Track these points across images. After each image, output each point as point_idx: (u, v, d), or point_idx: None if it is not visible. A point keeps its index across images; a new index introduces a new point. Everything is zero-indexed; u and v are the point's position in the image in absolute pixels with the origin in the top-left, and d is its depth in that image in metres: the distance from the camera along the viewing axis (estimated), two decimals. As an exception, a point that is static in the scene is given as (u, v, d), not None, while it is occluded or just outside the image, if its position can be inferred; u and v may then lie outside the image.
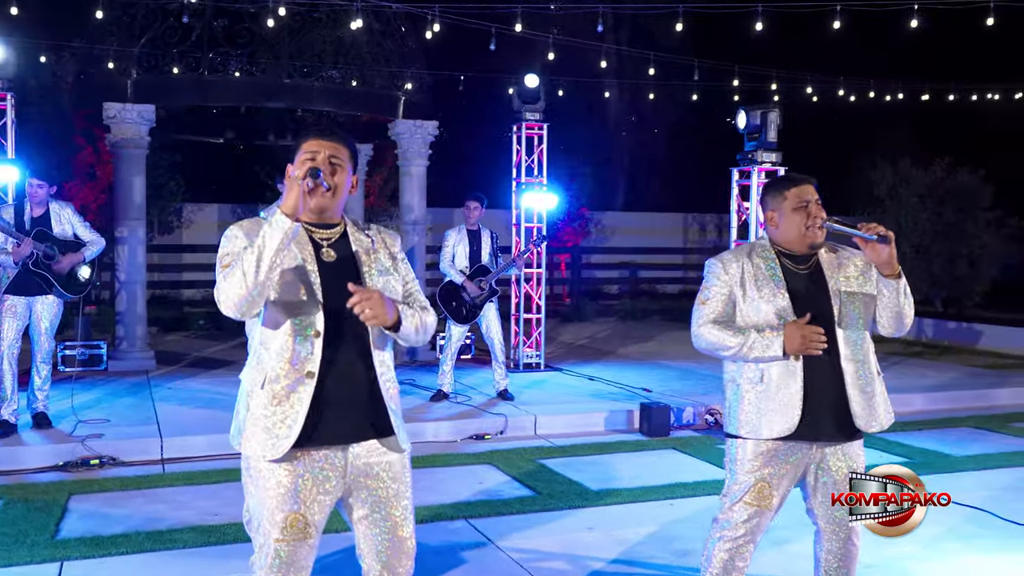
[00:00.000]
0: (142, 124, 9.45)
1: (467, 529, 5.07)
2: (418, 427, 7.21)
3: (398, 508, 2.87)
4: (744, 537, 3.37)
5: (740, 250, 3.49)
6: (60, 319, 6.88)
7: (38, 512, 5.23)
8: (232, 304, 2.63)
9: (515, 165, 10.11)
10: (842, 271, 3.35)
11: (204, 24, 9.49)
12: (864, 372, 3.29)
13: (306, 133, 2.89)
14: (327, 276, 2.77)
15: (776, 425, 3.25)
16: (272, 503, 2.73)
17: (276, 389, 2.73)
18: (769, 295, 3.31)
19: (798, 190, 3.35)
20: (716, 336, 3.33)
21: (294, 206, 2.59)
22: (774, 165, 7.30)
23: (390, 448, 2.86)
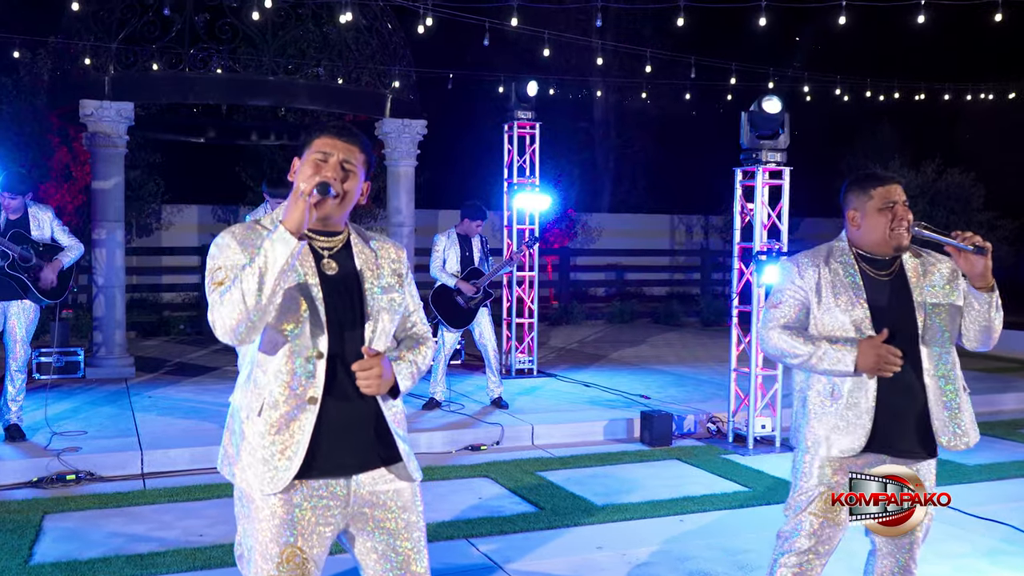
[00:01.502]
0: (120, 122, 9.10)
1: (470, 550, 4.79)
2: (410, 438, 6.88)
3: (409, 540, 2.59)
4: (811, 552, 3.17)
5: (817, 252, 3.25)
6: (36, 324, 6.55)
7: (10, 534, 4.90)
8: (229, 329, 2.35)
9: (506, 165, 9.84)
10: (928, 278, 3.13)
11: (185, 19, 9.15)
12: (949, 388, 3.07)
13: (320, 128, 2.57)
14: (329, 292, 2.50)
15: (844, 443, 3.07)
16: (266, 536, 2.46)
17: (275, 417, 2.45)
18: (847, 304, 3.10)
19: (885, 189, 3.11)
20: (786, 342, 3.13)
21: (299, 223, 2.31)
22: (779, 165, 7.07)
23: (399, 476, 2.60)
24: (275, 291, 2.32)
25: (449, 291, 7.66)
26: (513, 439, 7.15)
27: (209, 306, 2.39)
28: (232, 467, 2.52)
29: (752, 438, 7.14)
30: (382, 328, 2.57)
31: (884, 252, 3.14)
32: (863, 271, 3.14)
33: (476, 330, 7.88)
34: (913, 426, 3.06)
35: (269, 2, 8.67)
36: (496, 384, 7.97)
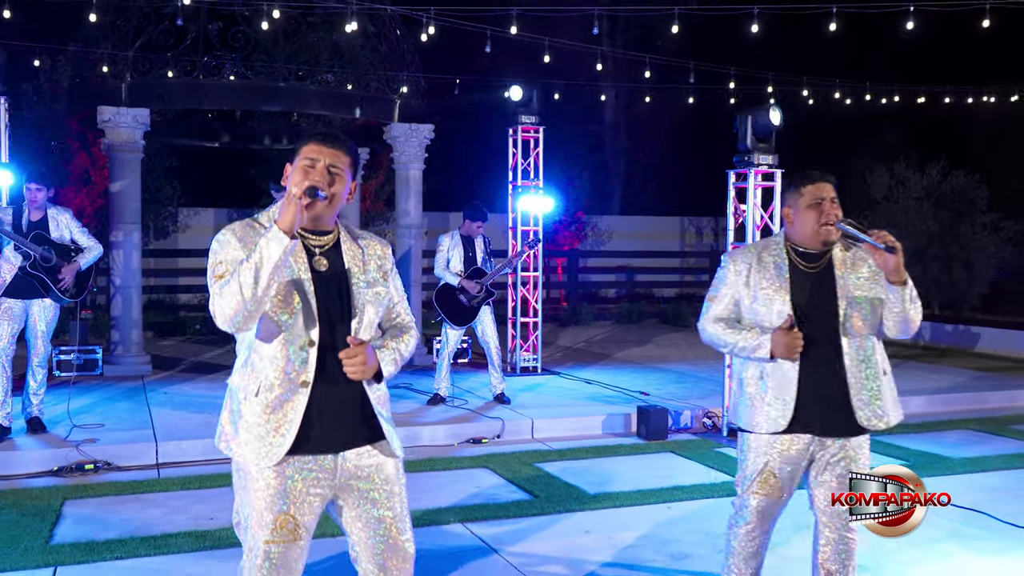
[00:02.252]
0: (136, 128, 9.41)
1: (464, 533, 5.04)
2: (414, 431, 7.18)
3: (391, 510, 2.85)
4: (757, 527, 3.50)
5: (754, 246, 3.55)
6: (56, 323, 6.84)
7: (32, 517, 5.19)
8: (227, 318, 2.61)
9: (511, 168, 10.09)
10: (854, 271, 3.38)
11: (199, 27, 9.46)
12: (869, 372, 3.33)
13: (308, 136, 2.83)
14: (320, 286, 2.75)
15: (771, 421, 3.35)
16: (262, 504, 2.72)
17: (270, 398, 2.71)
18: (772, 295, 3.38)
19: (814, 187, 3.38)
20: (716, 332, 3.49)
21: (291, 223, 2.56)
22: (771, 167, 7.28)
23: (382, 452, 2.85)
24: (269, 284, 2.57)
25: (452, 290, 7.91)
26: (514, 432, 7.40)
27: (210, 297, 2.65)
28: (230, 443, 2.79)
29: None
30: (368, 319, 2.82)
31: (814, 246, 3.39)
32: (793, 264, 3.40)
33: (479, 328, 8.13)
34: (834, 406, 3.32)
35: (277, 13, 8.94)
36: (498, 380, 8.22)
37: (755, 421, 3.40)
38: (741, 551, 3.54)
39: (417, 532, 4.94)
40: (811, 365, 3.32)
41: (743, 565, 3.55)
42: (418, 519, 5.20)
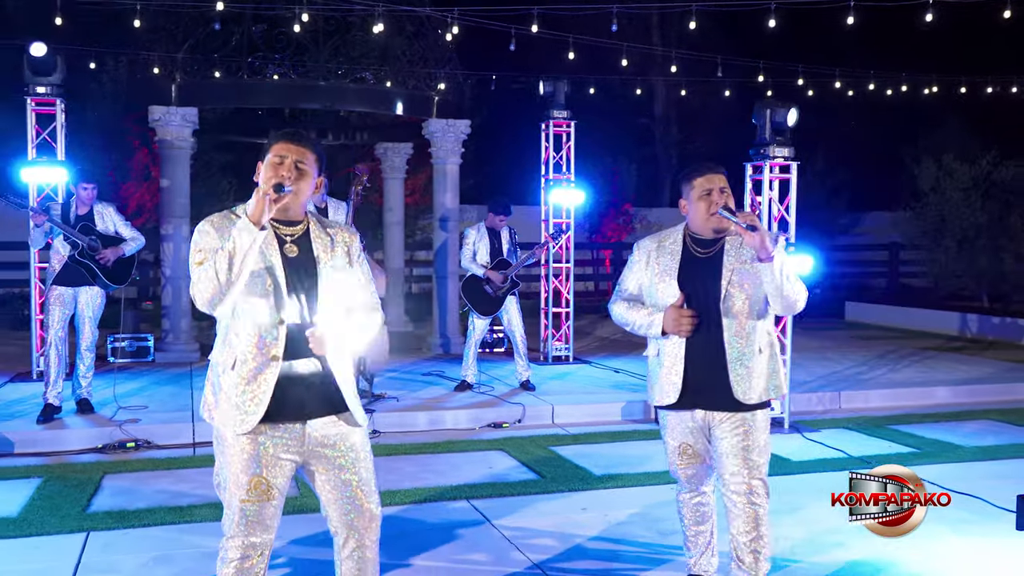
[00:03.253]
0: (185, 126, 9.89)
1: (467, 509, 5.33)
2: (437, 415, 7.50)
3: (356, 475, 3.14)
4: (695, 493, 3.86)
5: (659, 234, 3.85)
6: (103, 310, 7.31)
7: (73, 488, 5.64)
8: (205, 300, 2.93)
9: (543, 162, 10.34)
10: (740, 255, 3.62)
11: (243, 29, 9.90)
12: (747, 349, 3.58)
13: (278, 135, 3.14)
14: (290, 271, 3.06)
15: (664, 396, 3.68)
16: (237, 467, 3.03)
17: (245, 371, 3.02)
18: (663, 277, 3.68)
19: (703, 179, 3.65)
20: (622, 314, 3.81)
21: (260, 216, 2.88)
22: (787, 160, 7.42)
23: (346, 422, 3.15)
24: (242, 270, 2.89)
25: (478, 281, 8.20)
26: (534, 418, 7.67)
27: (191, 282, 2.97)
28: (211, 412, 3.11)
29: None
30: (333, 301, 3.12)
31: (706, 233, 3.68)
32: (688, 249, 3.69)
33: (504, 317, 8.41)
34: (715, 381, 3.60)
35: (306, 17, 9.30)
36: (524, 368, 8.49)
37: (653, 395, 3.77)
38: (689, 516, 3.89)
39: (422, 506, 5.31)
40: (697, 344, 3.62)
41: (690, 527, 3.91)
42: (426, 495, 5.56)
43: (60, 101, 8.71)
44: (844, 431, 7.49)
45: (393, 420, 7.36)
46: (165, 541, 4.79)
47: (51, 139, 8.71)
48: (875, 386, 8.98)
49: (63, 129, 8.74)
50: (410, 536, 4.85)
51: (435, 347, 10.88)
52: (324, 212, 7.71)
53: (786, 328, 7.62)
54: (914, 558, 4.51)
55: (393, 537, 4.81)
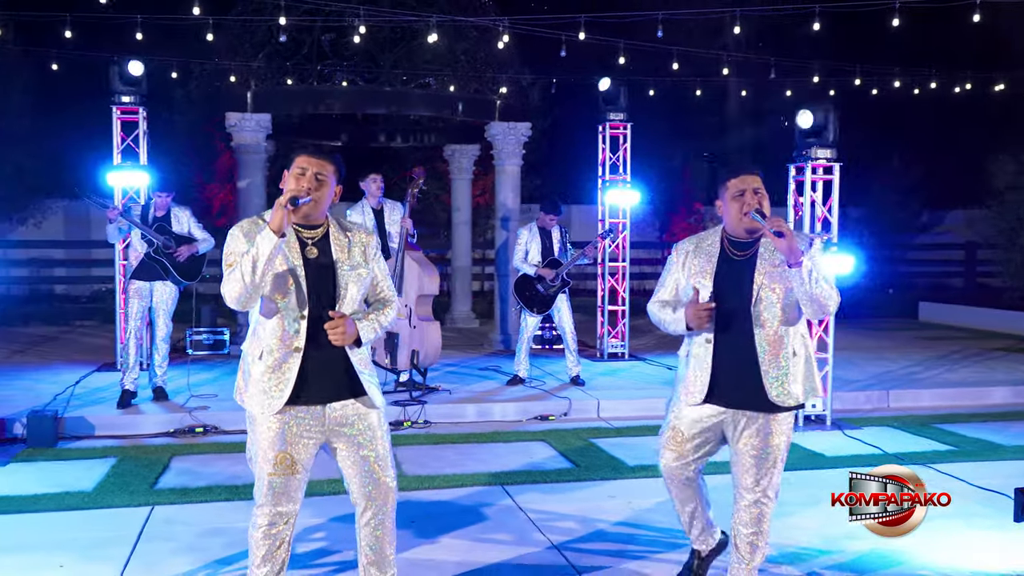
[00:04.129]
0: (259, 131, 10.45)
1: (500, 493, 5.65)
2: (486, 407, 7.84)
3: (374, 452, 3.50)
4: (677, 476, 3.95)
5: (697, 235, 3.96)
6: (177, 304, 7.86)
7: (144, 468, 6.15)
8: (234, 299, 3.32)
9: (600, 163, 10.58)
10: (773, 258, 3.72)
11: (313, 39, 10.41)
12: (779, 351, 3.68)
13: (300, 149, 3.52)
14: (310, 271, 3.42)
15: (690, 395, 3.78)
16: (265, 444, 3.42)
17: (271, 360, 3.40)
18: (699, 278, 3.78)
19: (737, 180, 3.75)
20: (656, 313, 3.93)
21: (279, 224, 3.24)
22: (829, 161, 7.52)
23: (364, 404, 3.51)
24: (265, 272, 3.26)
25: (530, 279, 8.51)
26: (581, 411, 7.94)
27: (222, 281, 3.36)
28: (242, 396, 3.50)
29: (802, 416, 7.64)
30: (350, 297, 3.47)
31: (740, 234, 3.77)
32: (725, 251, 3.79)
33: (556, 315, 8.69)
34: (745, 382, 3.69)
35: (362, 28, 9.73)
36: (574, 363, 8.77)
37: (678, 395, 3.87)
38: (675, 496, 4.03)
39: (457, 491, 5.66)
40: (727, 344, 3.71)
41: (680, 506, 4.05)
42: (463, 481, 5.90)
43: (143, 109, 9.31)
44: (887, 429, 7.57)
45: (444, 411, 7.73)
46: (219, 516, 5.22)
47: (134, 145, 9.33)
48: (928, 385, 8.99)
49: (145, 136, 9.35)
50: (442, 516, 5.20)
51: (496, 343, 11.23)
52: (381, 213, 8.13)
53: (828, 328, 7.72)
54: (922, 549, 4.66)
55: (426, 517, 5.19)
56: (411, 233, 8.03)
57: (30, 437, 6.70)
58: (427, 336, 7.96)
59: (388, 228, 8.14)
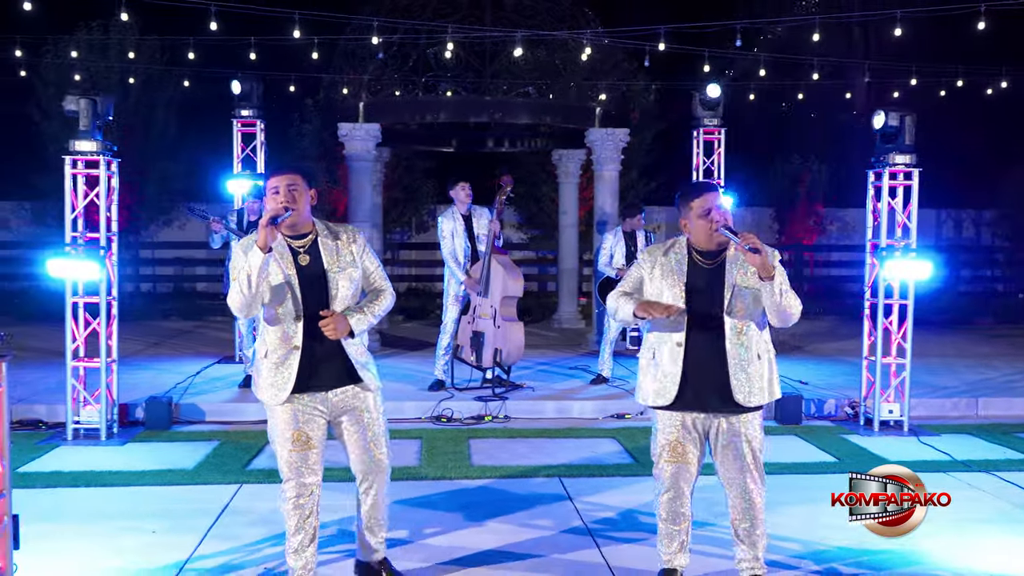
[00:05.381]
0: (368, 140, 11.11)
1: (555, 484, 6.01)
2: (566, 405, 8.20)
3: (370, 431, 4.04)
4: (674, 489, 4.11)
5: (665, 244, 4.17)
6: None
7: (241, 451, 6.81)
8: (236, 308, 3.87)
9: (694, 168, 10.74)
10: (742, 266, 3.95)
11: (419, 52, 10.98)
12: (746, 355, 3.90)
13: (269, 172, 4.04)
14: (303, 277, 3.92)
15: (660, 397, 3.98)
16: (281, 426, 3.97)
17: (275, 358, 3.94)
18: (670, 284, 3.99)
19: (701, 199, 3.97)
20: (611, 300, 4.12)
21: (264, 242, 3.74)
22: (907, 166, 7.51)
23: (363, 389, 4.03)
24: (259, 283, 3.78)
25: (613, 281, 8.80)
26: (657, 411, 8.17)
27: (227, 294, 3.91)
28: (257, 389, 4.05)
29: (878, 421, 7.66)
30: (342, 295, 3.96)
31: (710, 248, 3.98)
32: (693, 260, 4.00)
33: (639, 316, 8.95)
34: (714, 385, 3.90)
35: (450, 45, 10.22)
36: (657, 364, 9.00)
37: (646, 395, 4.04)
38: (665, 515, 4.14)
39: (514, 481, 6.07)
40: (697, 348, 3.90)
41: (667, 527, 4.16)
42: (522, 472, 6.30)
43: (260, 122, 10.10)
44: (965, 436, 7.51)
45: (524, 407, 8.12)
46: (297, 495, 5.78)
47: (253, 154, 10.12)
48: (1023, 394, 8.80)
49: (263, 146, 10.13)
50: (493, 503, 5.60)
51: (592, 343, 11.54)
52: (469, 219, 8.58)
53: (906, 334, 7.72)
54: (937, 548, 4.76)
55: (478, 503, 5.61)
56: (497, 237, 8.46)
57: (148, 420, 7.49)
58: (510, 335, 8.36)
59: (476, 232, 8.58)
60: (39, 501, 5.57)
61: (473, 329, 8.49)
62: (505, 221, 18.78)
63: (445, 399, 8.14)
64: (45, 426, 7.51)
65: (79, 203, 7.07)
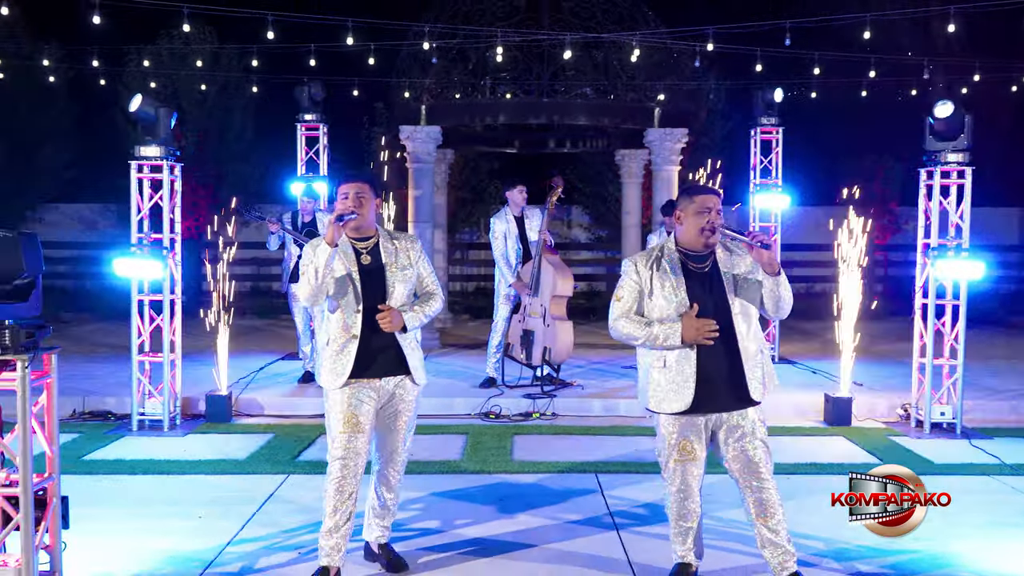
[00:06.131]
0: (429, 142, 11.34)
1: (590, 480, 6.12)
2: (613, 402, 8.28)
3: (401, 420, 4.38)
4: (685, 487, 4.21)
5: (651, 251, 4.19)
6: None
7: (292, 443, 7.09)
8: (304, 297, 4.22)
9: (751, 167, 10.70)
10: (736, 266, 4.04)
11: (478, 56, 11.17)
12: (753, 351, 3.99)
13: (341, 178, 4.39)
14: (364, 274, 4.26)
15: (675, 403, 4.03)
16: (336, 408, 4.27)
17: (335, 346, 4.26)
18: (671, 293, 4.01)
19: (704, 198, 4.06)
20: (627, 328, 4.08)
21: (331, 238, 4.08)
22: (960, 165, 7.38)
23: (410, 382, 4.34)
24: (325, 276, 4.10)
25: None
26: (705, 410, 8.19)
27: (298, 285, 4.23)
28: (319, 375, 4.35)
29: (928, 423, 7.55)
30: (398, 293, 4.27)
31: (697, 247, 4.04)
32: (685, 265, 4.04)
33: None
34: (729, 383, 3.98)
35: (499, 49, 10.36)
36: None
37: (661, 404, 4.07)
38: (676, 513, 4.23)
39: (551, 476, 6.23)
40: (708, 351, 3.96)
41: (680, 523, 4.25)
42: (560, 468, 6.44)
43: (323, 126, 10.43)
44: (1019, 440, 7.36)
45: (571, 405, 8.24)
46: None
47: (316, 157, 10.45)
48: (1091, 399, 8.55)
49: (326, 150, 10.47)
50: (526, 496, 5.75)
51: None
52: (522, 220, 8.73)
53: (959, 336, 7.61)
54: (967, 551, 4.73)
55: (513, 496, 5.76)
56: (549, 240, 8.58)
57: (208, 413, 7.84)
58: (559, 334, 8.48)
59: (528, 233, 8.72)
60: (99, 486, 5.94)
61: (523, 327, 8.64)
62: (573, 221, 18.96)
63: (495, 396, 8.31)
64: (114, 417, 7.92)
65: (144, 205, 7.45)
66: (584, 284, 18.26)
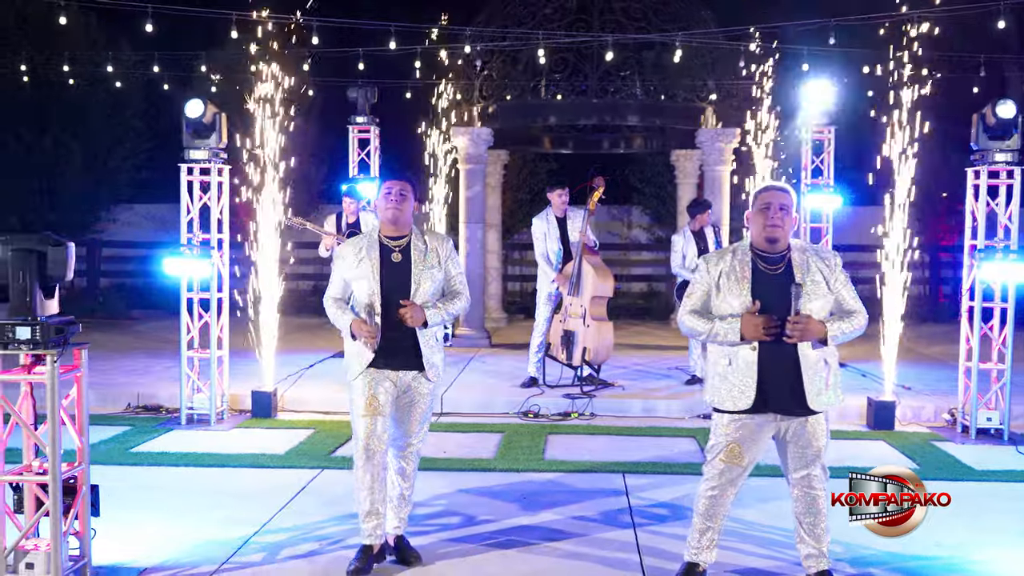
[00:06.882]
0: (480, 144, 11.48)
1: (617, 480, 6.15)
2: (652, 403, 8.29)
3: (414, 415, 4.55)
4: (720, 488, 4.21)
5: (727, 249, 4.24)
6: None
7: (330, 439, 7.26)
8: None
9: (803, 168, 10.56)
10: (809, 273, 4.01)
11: (528, 58, 11.26)
12: (815, 359, 3.96)
13: (385, 177, 4.56)
14: (393, 271, 4.43)
15: (736, 401, 4.04)
16: (359, 392, 4.45)
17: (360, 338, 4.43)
18: (737, 291, 4.04)
19: (767, 194, 4.09)
20: (692, 323, 4.16)
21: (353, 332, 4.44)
22: (1009, 165, 7.20)
23: (425, 377, 4.50)
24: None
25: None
26: (745, 412, 8.14)
27: (326, 294, 4.52)
28: (347, 362, 4.54)
29: (974, 428, 7.39)
30: (423, 290, 4.43)
31: (762, 244, 4.04)
32: (756, 266, 4.04)
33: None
34: (789, 389, 3.96)
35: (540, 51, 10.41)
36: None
37: (723, 401, 4.08)
38: (703, 510, 4.23)
39: (580, 475, 6.32)
40: (771, 353, 3.95)
41: (702, 521, 4.25)
42: (589, 467, 6.50)
43: (374, 128, 10.63)
44: (1069, 447, 7.16)
45: (611, 405, 8.26)
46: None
47: (367, 159, 10.65)
48: None
49: (377, 151, 10.66)
50: (552, 494, 5.81)
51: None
52: (564, 221, 8.78)
53: (1007, 341, 7.43)
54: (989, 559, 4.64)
55: (538, 493, 5.84)
56: (589, 243, 8.61)
57: (253, 409, 8.06)
58: (599, 335, 8.51)
59: (570, 235, 8.77)
60: (142, 477, 6.18)
61: (564, 328, 8.69)
62: (633, 222, 18.90)
63: (535, 395, 8.38)
64: (166, 411, 8.21)
65: (193, 206, 7.70)
66: (644, 285, 18.21)
